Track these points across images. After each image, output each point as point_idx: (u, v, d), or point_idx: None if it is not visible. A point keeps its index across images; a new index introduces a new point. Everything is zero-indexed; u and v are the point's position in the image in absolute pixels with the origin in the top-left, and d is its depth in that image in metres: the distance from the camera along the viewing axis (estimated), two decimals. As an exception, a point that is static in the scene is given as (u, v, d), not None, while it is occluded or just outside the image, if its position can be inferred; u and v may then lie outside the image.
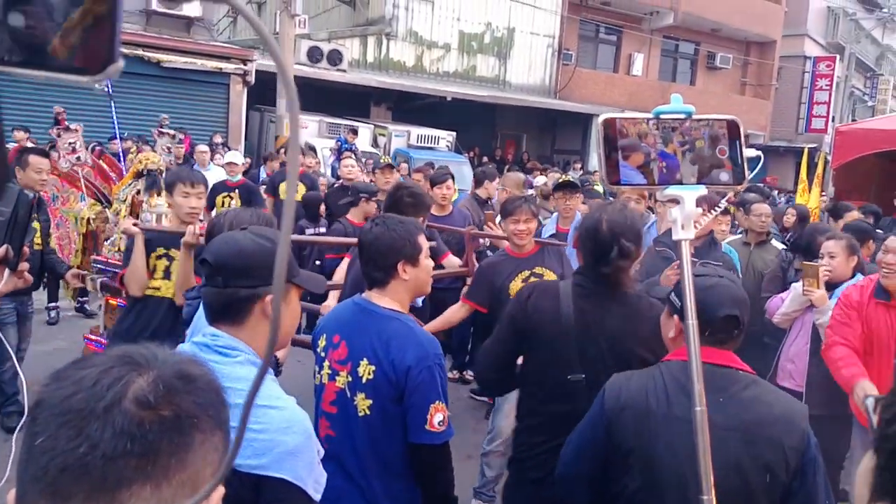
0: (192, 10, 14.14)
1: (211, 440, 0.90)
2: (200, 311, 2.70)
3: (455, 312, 4.46)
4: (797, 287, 4.43)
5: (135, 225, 4.04)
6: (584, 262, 2.76)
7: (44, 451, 0.81)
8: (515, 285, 4.24)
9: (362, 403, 2.36)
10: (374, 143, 16.92)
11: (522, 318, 2.78)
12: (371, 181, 7.71)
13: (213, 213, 7.53)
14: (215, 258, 1.79)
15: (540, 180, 10.52)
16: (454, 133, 18.39)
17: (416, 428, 2.33)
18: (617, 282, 2.66)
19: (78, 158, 6.55)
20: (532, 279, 4.27)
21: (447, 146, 17.98)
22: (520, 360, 2.90)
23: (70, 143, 6.53)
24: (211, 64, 14.91)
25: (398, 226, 2.53)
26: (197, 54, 14.80)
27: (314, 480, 1.65)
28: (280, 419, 1.64)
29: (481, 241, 6.07)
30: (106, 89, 7.20)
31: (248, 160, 12.44)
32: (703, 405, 1.05)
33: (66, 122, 6.92)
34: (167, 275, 3.96)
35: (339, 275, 4.77)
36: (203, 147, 10.96)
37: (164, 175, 6.64)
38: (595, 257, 2.65)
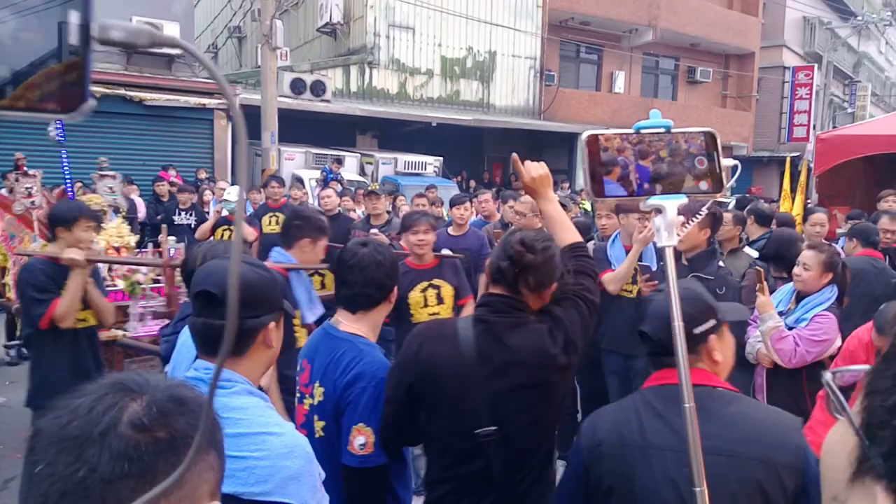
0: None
1: (206, 459, 0.93)
2: (179, 349, 2.69)
3: None
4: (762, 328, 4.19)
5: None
6: (491, 278, 2.33)
7: (43, 477, 0.83)
8: (414, 295, 4.52)
9: (317, 425, 2.40)
10: (362, 172, 16.97)
11: (415, 373, 2.27)
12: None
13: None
14: (223, 291, 1.74)
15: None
16: (441, 158, 18.47)
17: (342, 448, 2.32)
18: (517, 302, 2.25)
19: (33, 203, 6.92)
20: (430, 290, 4.55)
21: (435, 171, 18.04)
22: None
23: (27, 188, 6.92)
24: (194, 100, 14.99)
25: (388, 249, 2.58)
26: (179, 91, 14.88)
27: (317, 503, 1.66)
28: (280, 445, 1.64)
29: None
30: (59, 138, 7.22)
31: (236, 193, 12.54)
32: (692, 402, 1.07)
33: (25, 168, 7.24)
34: (86, 304, 4.04)
35: None
36: (224, 183, 11.26)
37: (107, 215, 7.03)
38: (496, 269, 2.26)
